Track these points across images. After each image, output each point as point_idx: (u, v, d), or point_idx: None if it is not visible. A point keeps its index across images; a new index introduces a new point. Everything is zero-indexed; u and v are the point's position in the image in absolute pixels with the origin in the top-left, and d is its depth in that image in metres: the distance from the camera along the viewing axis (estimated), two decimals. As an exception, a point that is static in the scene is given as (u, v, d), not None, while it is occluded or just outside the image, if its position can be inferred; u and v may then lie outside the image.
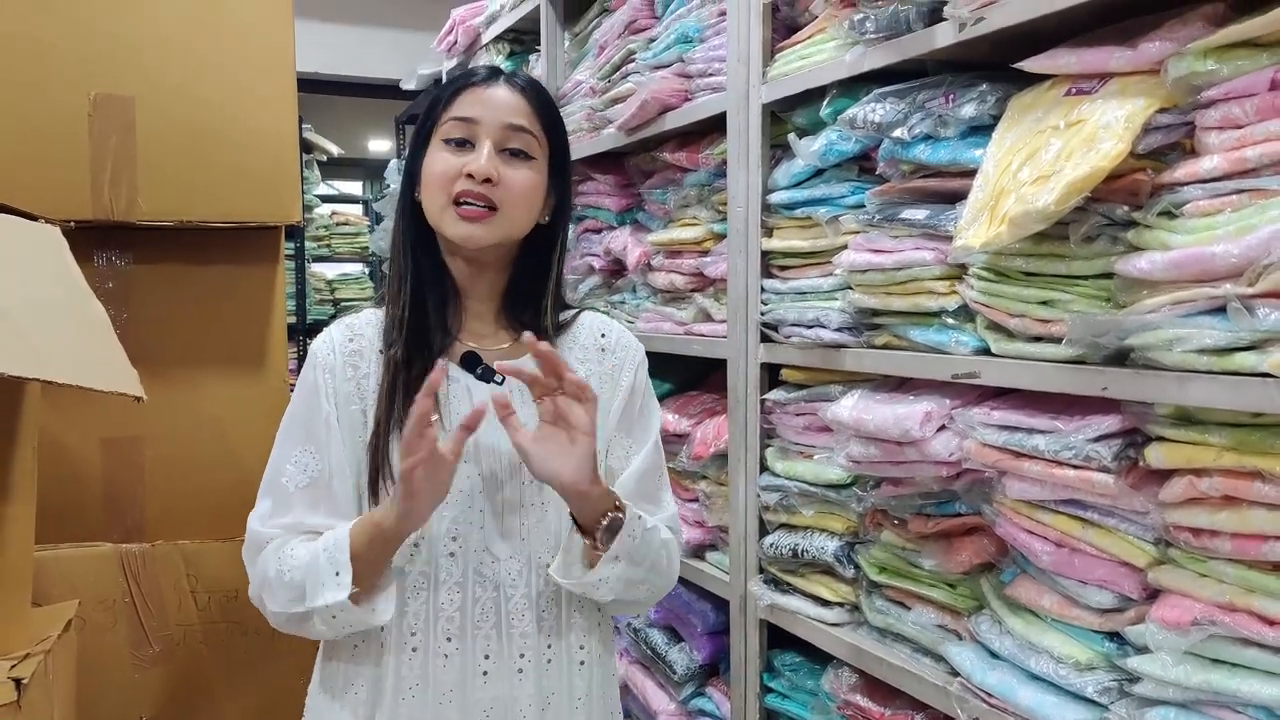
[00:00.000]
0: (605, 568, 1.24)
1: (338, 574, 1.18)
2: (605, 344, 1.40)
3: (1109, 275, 1.21)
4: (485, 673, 1.27)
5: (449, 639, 1.26)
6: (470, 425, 1.14)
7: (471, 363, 1.30)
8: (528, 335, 1.20)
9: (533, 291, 1.37)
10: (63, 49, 1.73)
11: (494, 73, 1.32)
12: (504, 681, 1.27)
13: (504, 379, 1.29)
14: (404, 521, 1.18)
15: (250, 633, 1.91)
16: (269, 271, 1.94)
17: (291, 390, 1.38)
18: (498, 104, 1.28)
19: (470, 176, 1.25)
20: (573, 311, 1.42)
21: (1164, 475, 1.16)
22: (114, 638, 1.81)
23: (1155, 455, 1.16)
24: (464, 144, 1.27)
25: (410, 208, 1.34)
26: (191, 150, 1.81)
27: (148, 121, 1.77)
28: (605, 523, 1.23)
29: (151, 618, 1.82)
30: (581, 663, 1.33)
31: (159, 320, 1.88)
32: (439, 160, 1.28)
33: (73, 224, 1.66)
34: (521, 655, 1.28)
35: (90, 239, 1.81)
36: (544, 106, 1.32)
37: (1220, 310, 1.05)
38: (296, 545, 1.24)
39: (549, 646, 1.30)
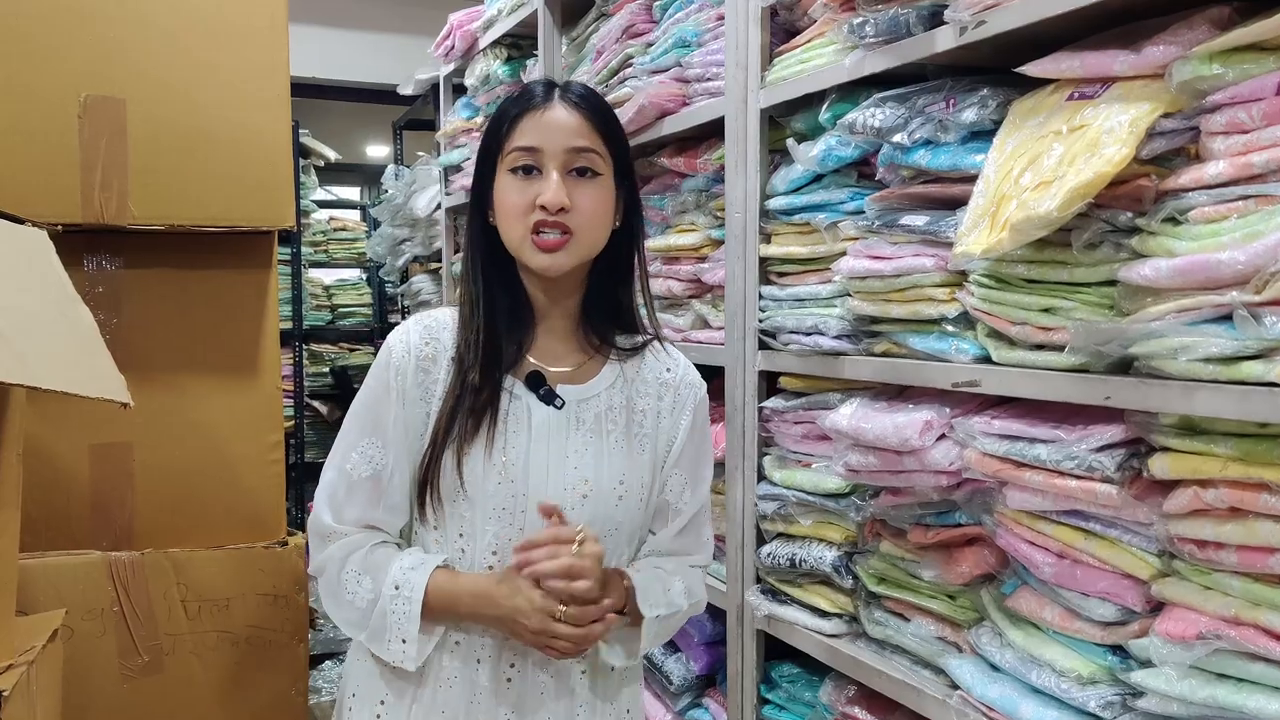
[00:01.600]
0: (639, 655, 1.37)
1: (404, 641, 1.28)
2: (668, 379, 1.43)
3: (1112, 282, 1.19)
4: (509, 680, 1.33)
5: (484, 645, 1.32)
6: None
7: (535, 383, 1.34)
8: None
9: (610, 301, 1.41)
10: (53, 50, 1.71)
11: (549, 90, 1.34)
12: (524, 690, 1.33)
13: (564, 403, 1.34)
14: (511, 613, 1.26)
15: (242, 642, 1.89)
16: (262, 276, 1.92)
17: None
18: (558, 128, 1.30)
19: (543, 208, 1.28)
20: (644, 338, 1.44)
21: (1168, 486, 1.15)
22: (102, 647, 1.78)
23: (1159, 466, 1.14)
24: (531, 171, 1.31)
25: (482, 230, 1.37)
26: (183, 153, 1.78)
27: (139, 124, 1.75)
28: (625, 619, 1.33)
29: (140, 627, 1.80)
30: (583, 671, 1.37)
31: (150, 325, 1.86)
32: (510, 191, 1.31)
33: (60, 227, 1.64)
34: (546, 668, 1.33)
35: (80, 243, 1.79)
36: (602, 118, 1.34)
37: (1226, 318, 1.04)
38: (364, 566, 1.30)
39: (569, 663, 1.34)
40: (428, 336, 1.35)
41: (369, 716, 1.34)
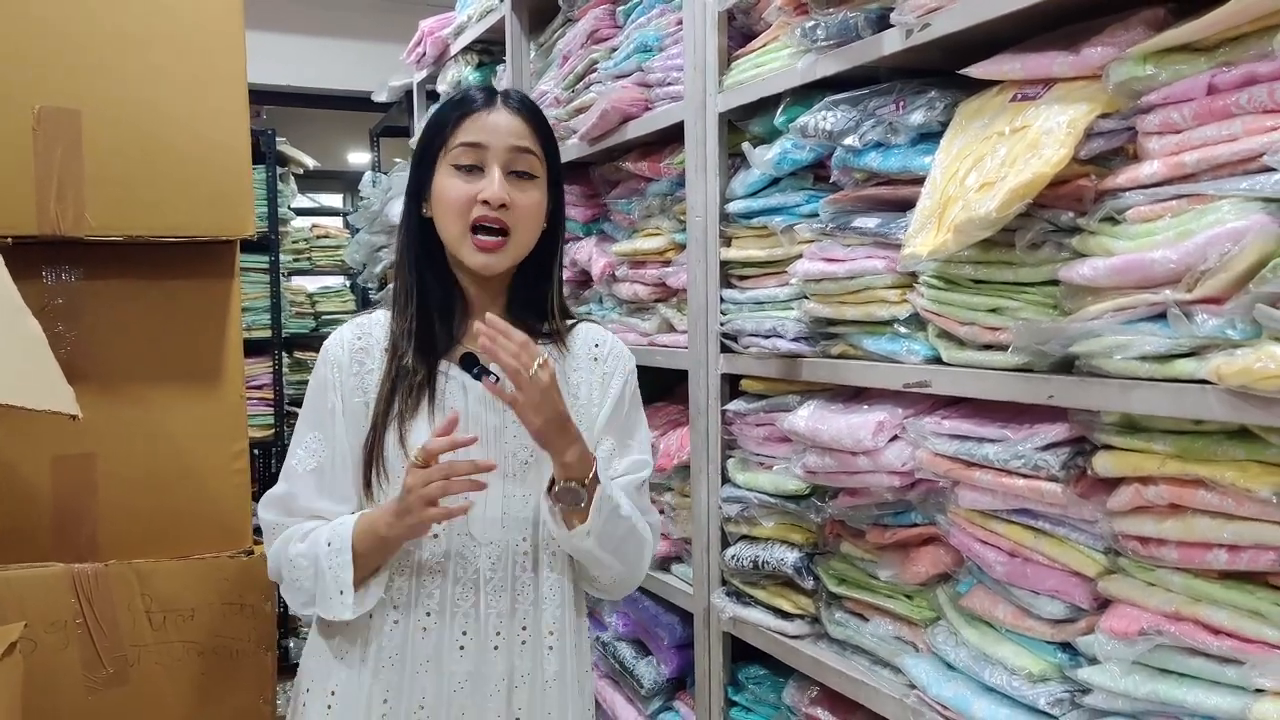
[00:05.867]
0: (577, 539, 1.35)
1: (341, 593, 1.31)
2: (598, 353, 1.50)
3: (1056, 282, 1.20)
4: (462, 648, 1.36)
5: (428, 613, 1.36)
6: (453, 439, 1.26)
7: (469, 363, 1.37)
8: (480, 325, 1.26)
9: (535, 294, 1.47)
10: (6, 61, 1.70)
11: (491, 95, 1.40)
12: (479, 657, 1.36)
13: (498, 377, 1.35)
14: (408, 533, 1.30)
15: (207, 652, 1.88)
16: (223, 286, 1.91)
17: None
18: (502, 128, 1.37)
19: (485, 203, 1.34)
20: (571, 322, 1.51)
21: (1112, 484, 1.15)
22: (66, 659, 1.77)
23: (1102, 464, 1.15)
24: (473, 169, 1.36)
25: (418, 225, 1.42)
26: (140, 163, 1.78)
27: (95, 134, 1.74)
28: (575, 485, 1.32)
29: (104, 638, 1.79)
30: (550, 647, 1.41)
31: (111, 336, 1.85)
32: (451, 186, 1.36)
33: (10, 240, 1.64)
34: (497, 633, 1.37)
35: (38, 254, 1.79)
36: (540, 124, 1.42)
37: (1161, 316, 1.04)
38: (299, 546, 1.34)
39: (523, 628, 1.39)
40: (360, 332, 1.42)
41: (321, 708, 1.38)
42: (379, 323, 1.43)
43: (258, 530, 1.99)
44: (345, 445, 1.37)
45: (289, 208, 5.35)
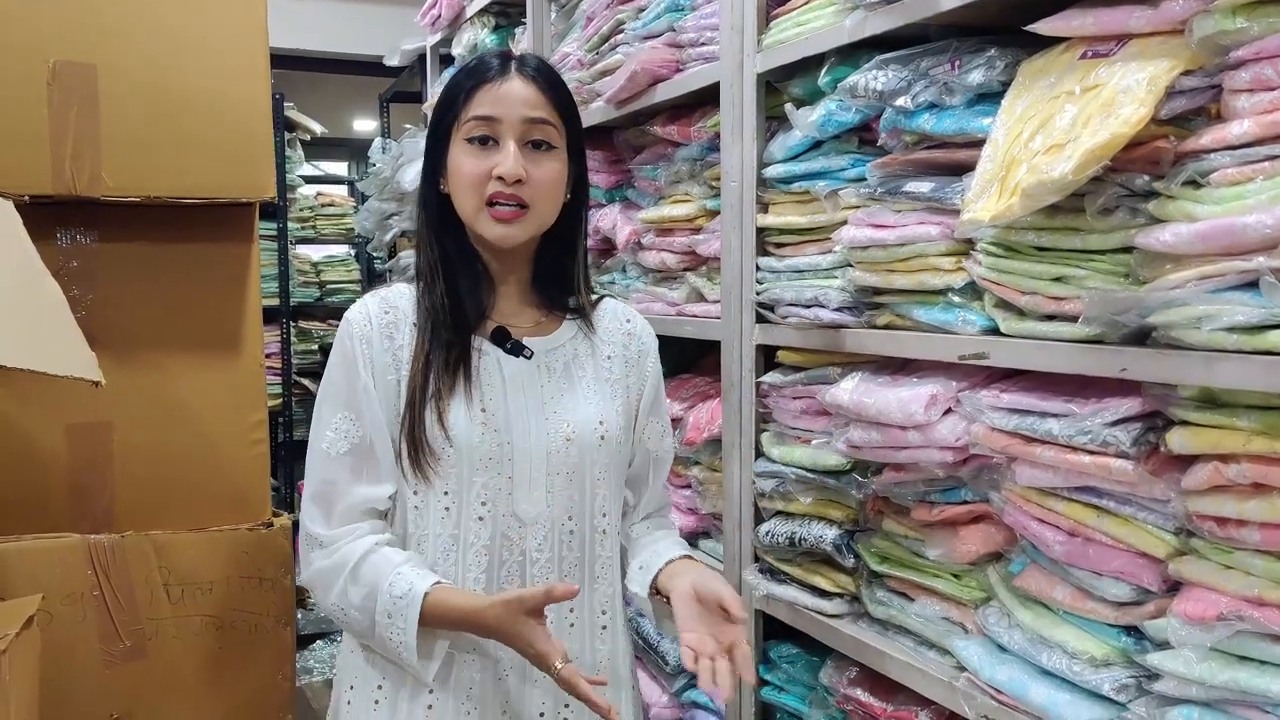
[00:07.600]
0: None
1: (410, 663, 1.25)
2: (630, 329, 1.48)
3: (1127, 250, 1.14)
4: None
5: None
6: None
7: (501, 338, 1.36)
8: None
9: (559, 268, 1.44)
10: (19, 14, 1.64)
11: (505, 63, 1.35)
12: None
13: (532, 353, 1.37)
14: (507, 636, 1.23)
15: (226, 626, 1.85)
16: (243, 250, 1.86)
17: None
18: (516, 99, 1.32)
19: (500, 179, 1.29)
20: (596, 296, 1.49)
21: (1186, 461, 1.10)
22: (82, 632, 1.73)
23: (1178, 440, 1.09)
24: (487, 141, 1.32)
25: (436, 200, 1.38)
26: (158, 122, 1.72)
27: (111, 91, 1.68)
28: None
29: (122, 611, 1.75)
30: (604, 627, 1.38)
31: (128, 301, 1.80)
32: (466, 161, 1.32)
33: (27, 198, 1.58)
34: (546, 617, 1.30)
35: (53, 215, 1.73)
36: (557, 91, 1.36)
37: (1251, 285, 0.98)
38: (353, 594, 1.26)
39: (571, 610, 1.35)
40: (386, 306, 1.36)
41: (368, 704, 1.33)
42: (404, 295, 1.38)
43: (281, 500, 1.95)
44: (381, 424, 1.31)
45: (296, 175, 5.29)
